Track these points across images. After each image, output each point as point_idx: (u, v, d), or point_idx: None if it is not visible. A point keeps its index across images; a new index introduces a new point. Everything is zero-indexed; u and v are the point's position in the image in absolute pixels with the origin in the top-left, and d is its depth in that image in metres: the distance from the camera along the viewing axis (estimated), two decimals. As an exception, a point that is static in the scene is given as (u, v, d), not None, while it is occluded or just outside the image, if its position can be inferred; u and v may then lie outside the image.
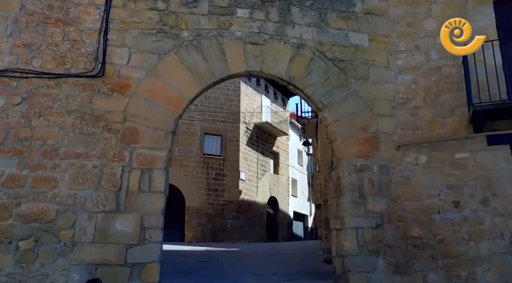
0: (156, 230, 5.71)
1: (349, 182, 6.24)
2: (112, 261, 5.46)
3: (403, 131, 6.44)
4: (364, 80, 6.65)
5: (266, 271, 8.37)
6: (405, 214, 5.99)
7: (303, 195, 27.87)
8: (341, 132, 6.45)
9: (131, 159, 5.86)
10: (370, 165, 6.33)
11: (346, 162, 6.33)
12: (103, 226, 5.57)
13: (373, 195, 6.20)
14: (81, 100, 5.95)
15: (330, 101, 6.51)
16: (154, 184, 5.84)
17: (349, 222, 6.09)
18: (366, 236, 6.03)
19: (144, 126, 6.00)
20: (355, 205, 6.15)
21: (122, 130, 5.94)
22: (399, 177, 6.21)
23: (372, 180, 6.26)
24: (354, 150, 6.39)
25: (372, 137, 6.45)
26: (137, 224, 5.64)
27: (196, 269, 8.39)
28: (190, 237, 17.54)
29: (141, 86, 6.10)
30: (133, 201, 5.72)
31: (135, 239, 5.59)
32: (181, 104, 6.20)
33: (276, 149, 23.52)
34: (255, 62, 6.46)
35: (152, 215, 5.73)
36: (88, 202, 5.62)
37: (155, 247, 5.64)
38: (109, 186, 5.72)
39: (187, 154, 18.48)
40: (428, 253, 5.69)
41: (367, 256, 5.96)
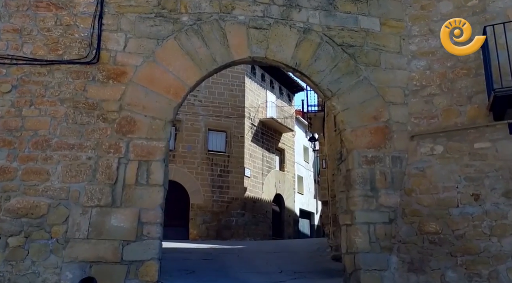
0: (155, 225, 5.38)
1: (360, 174, 5.86)
2: (107, 258, 5.15)
3: (417, 120, 6.04)
4: (375, 67, 6.26)
5: (272, 269, 8.02)
6: (420, 208, 5.60)
7: (309, 192, 27.52)
8: (350, 121, 6.07)
9: (128, 150, 5.54)
10: (382, 156, 5.95)
11: (356, 153, 5.95)
12: (98, 221, 5.26)
13: (386, 188, 5.82)
14: (74, 88, 5.64)
15: (339, 89, 6.13)
16: (152, 176, 5.51)
17: (360, 217, 5.71)
18: (378, 232, 5.65)
19: (142, 115, 5.67)
20: (366, 199, 5.77)
21: (118, 120, 5.61)
22: (413, 169, 5.82)
23: (384, 172, 5.88)
24: (365, 140, 6.00)
25: (384, 126, 6.06)
26: (134, 219, 5.32)
27: (200, 267, 8.07)
28: (194, 234, 17.31)
29: (138, 74, 5.77)
30: (130, 195, 5.40)
31: (132, 235, 5.27)
32: (181, 92, 5.85)
33: (282, 145, 23.19)
34: (259, 48, 6.09)
35: (150, 210, 5.41)
36: (82, 196, 5.31)
37: (154, 244, 5.31)
38: (105, 178, 5.40)
39: (191, 150, 18.24)
40: (445, 249, 5.30)
41: (379, 253, 5.58)
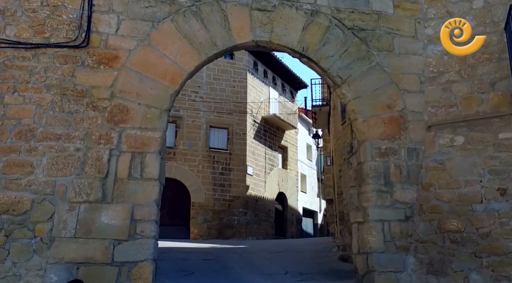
0: (149, 223, 4.92)
1: (373, 168, 5.39)
2: (96, 259, 4.70)
3: (435, 109, 5.57)
4: (388, 52, 5.78)
5: (275, 269, 7.55)
6: (439, 204, 5.12)
7: (313, 191, 27.08)
8: (362, 110, 5.59)
9: (120, 141, 5.09)
10: (397, 148, 5.47)
11: (368, 144, 5.48)
12: (87, 219, 4.82)
13: (401, 182, 5.35)
14: (62, 74, 5.20)
15: (349, 75, 5.66)
16: (147, 169, 5.06)
17: (373, 214, 5.24)
18: (393, 230, 5.19)
19: (135, 103, 5.21)
20: (380, 194, 5.30)
21: (110, 108, 5.16)
22: (432, 162, 5.34)
23: (399, 165, 5.41)
24: (378, 130, 5.53)
25: (399, 116, 5.59)
26: (127, 216, 4.87)
27: (199, 267, 7.60)
28: (195, 233, 16.94)
29: (132, 58, 5.32)
30: (122, 190, 4.96)
31: (124, 234, 4.82)
32: (178, 78, 5.39)
33: (285, 143, 22.77)
34: (263, 31, 5.62)
35: (145, 206, 4.95)
36: (69, 191, 4.87)
37: (148, 243, 4.85)
38: (94, 172, 4.96)
39: (192, 147, 17.89)
40: (469, 249, 4.82)
41: (395, 253, 5.12)
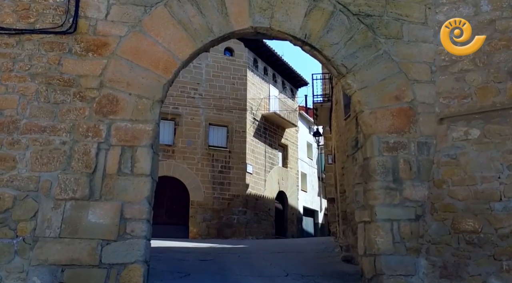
0: (140, 222, 4.57)
1: (380, 163, 5.03)
2: (83, 261, 4.35)
3: (447, 100, 5.20)
4: (396, 40, 5.41)
5: (276, 271, 7.19)
6: (453, 202, 4.76)
7: (313, 190, 26.77)
8: (369, 102, 5.23)
9: (109, 134, 4.74)
10: (406, 142, 5.11)
11: (376, 138, 5.12)
12: (73, 217, 4.47)
13: (411, 179, 5.00)
14: (47, 61, 4.85)
15: (355, 64, 5.30)
16: (138, 164, 4.70)
17: (381, 213, 4.88)
18: (403, 230, 4.83)
19: (126, 93, 4.86)
20: (388, 192, 4.94)
21: (98, 98, 4.81)
22: (444, 156, 4.98)
23: (409, 160, 5.05)
24: (386, 123, 5.17)
25: (408, 108, 5.22)
26: (116, 215, 4.53)
27: (196, 268, 7.25)
28: (194, 233, 16.65)
29: (123, 45, 4.97)
30: (111, 186, 4.61)
31: (113, 234, 4.47)
32: (172, 67, 5.03)
33: (285, 141, 22.46)
34: (262, 17, 5.25)
35: (135, 204, 4.60)
36: (54, 187, 4.52)
37: (139, 243, 4.50)
38: (81, 166, 4.61)
39: (191, 145, 17.63)
40: (487, 251, 4.45)
41: (405, 255, 4.76)
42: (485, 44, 5.13)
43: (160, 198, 17.43)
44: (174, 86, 18.16)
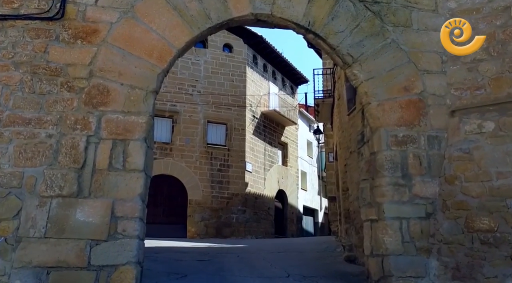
0: (132, 220, 4.26)
1: (389, 158, 4.73)
2: (70, 262, 4.05)
3: (459, 92, 4.90)
4: (405, 28, 5.11)
5: (277, 272, 6.89)
6: (467, 199, 4.46)
7: (313, 189, 26.49)
8: (376, 93, 4.93)
9: (99, 127, 4.43)
10: (416, 136, 4.82)
11: (383, 131, 4.82)
12: (59, 216, 4.16)
13: (421, 174, 4.70)
14: (33, 49, 4.54)
15: (361, 53, 4.99)
16: (130, 159, 4.40)
17: (389, 211, 4.59)
18: (412, 229, 4.54)
19: (117, 83, 4.55)
20: (396, 188, 4.64)
21: (88, 89, 4.51)
22: (456, 151, 4.68)
23: (418, 154, 4.76)
24: (394, 116, 4.87)
25: (417, 100, 4.92)
26: (106, 213, 4.23)
27: (194, 269, 6.94)
28: (192, 232, 16.37)
29: (114, 32, 4.66)
30: (101, 182, 4.30)
31: (103, 233, 4.17)
32: (167, 56, 4.72)
33: (285, 139, 22.18)
34: (263, 3, 4.95)
35: (127, 201, 4.30)
36: (39, 183, 4.22)
37: (131, 244, 4.19)
38: (69, 161, 4.30)
39: (189, 143, 17.34)
40: (504, 252, 4.15)
41: (415, 255, 4.47)
42: (500, 32, 4.83)
43: (158, 196, 17.16)
44: (172, 83, 18.01)
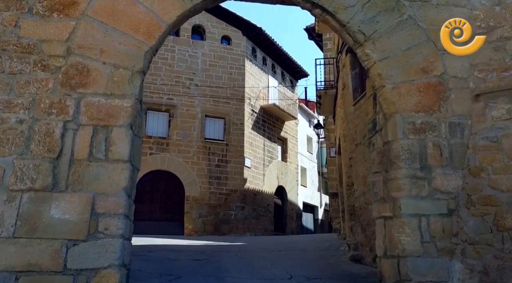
0: (116, 217, 3.74)
1: (405, 147, 4.21)
2: (43, 266, 3.53)
3: (484, 73, 4.38)
4: (423, 2, 4.57)
5: (278, 273, 6.38)
6: (495, 193, 3.94)
7: (313, 185, 26.02)
8: (391, 75, 4.40)
9: (78, 111, 3.90)
10: (436, 123, 4.29)
11: (399, 118, 4.29)
12: (31, 212, 3.64)
13: (442, 166, 4.18)
14: (2, 23, 4.02)
15: (374, 31, 4.46)
16: (114, 148, 3.87)
17: (406, 207, 4.07)
18: (433, 227, 4.02)
19: (99, 62, 4.02)
20: (414, 181, 4.13)
21: (65, 68, 3.97)
22: (482, 139, 4.16)
23: (439, 144, 4.24)
24: (412, 100, 4.34)
25: (437, 82, 4.40)
26: (86, 209, 3.70)
27: (189, 270, 6.43)
28: (190, 229, 15.90)
29: (95, 4, 4.13)
30: (80, 174, 3.78)
31: (81, 232, 3.65)
32: (155, 31, 4.18)
33: (284, 134, 21.68)
34: (265, -26, 4.42)
35: (110, 195, 3.78)
36: (8, 175, 3.69)
37: (114, 244, 3.67)
38: (43, 150, 3.77)
39: (186, 138, 16.85)
40: (540, 253, 3.66)
41: (436, 257, 3.96)
42: (530, 6, 4.31)
43: (154, 193, 16.67)
44: (169, 76, 17.43)
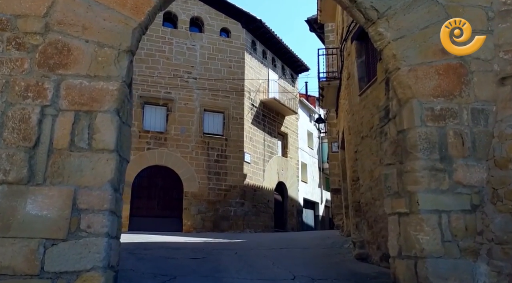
0: (101, 214, 3.33)
1: (423, 136, 3.79)
2: (17, 269, 3.13)
3: (510, 55, 3.95)
4: (441, -23, 4.15)
5: (280, 273, 5.98)
6: (525, 187, 3.54)
7: (314, 181, 25.65)
8: (407, 56, 3.97)
9: (58, 95, 3.48)
10: (457, 109, 3.88)
11: (417, 103, 3.87)
12: (4, 208, 3.25)
13: (464, 156, 3.77)
14: (-29, -5, 3.56)
15: (389, 7, 4.03)
16: (98, 136, 3.46)
17: (425, 202, 3.66)
18: (455, 225, 3.62)
19: (81, 40, 3.59)
20: (434, 174, 3.71)
21: (43, 46, 3.55)
22: (509, 127, 3.74)
23: (460, 132, 3.82)
24: (430, 84, 3.92)
25: (458, 64, 3.97)
26: (66, 204, 3.30)
27: (185, 270, 6.04)
28: (188, 226, 15.55)
29: (77, -24, 3.67)
30: (60, 165, 3.37)
31: (61, 230, 3.25)
32: (144, 6, 3.75)
33: (285, 129, 21.29)
34: None
35: (94, 189, 3.37)
36: (-23, 166, 3.26)
37: (98, 244, 3.27)
38: (17, 139, 3.36)
39: (184, 133, 16.48)
40: None
41: (458, 258, 3.55)
42: (562, -22, 3.88)
43: (152, 189, 16.26)
44: (166, 69, 16.97)
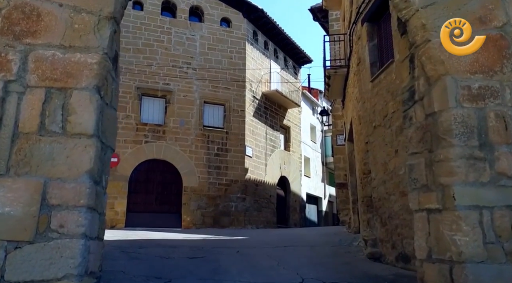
0: (76, 211, 2.77)
1: (459, 119, 3.22)
2: (-29, 277, 2.56)
3: (559, 23, 3.37)
4: None
5: (286, 275, 5.43)
6: None
7: (317, 175, 25.12)
8: (439, 26, 3.38)
9: (25, 68, 2.91)
10: (498, 87, 3.30)
11: (451, 81, 3.29)
12: (-43, 203, 2.66)
13: (508, 143, 3.20)
14: None
15: (417, -32, 3.45)
16: (74, 118, 2.89)
17: (462, 197, 3.09)
18: (498, 224, 3.05)
19: (54, 4, 3.01)
20: (472, 163, 3.14)
21: (7, 10, 2.97)
22: (562, 108, 3.17)
23: (503, 114, 3.25)
24: (466, 59, 3.33)
25: (499, 36, 3.39)
26: (34, 199, 2.73)
27: (181, 271, 5.50)
28: (188, 222, 15.07)
29: None
30: (27, 153, 2.80)
31: (27, 231, 2.69)
32: (130, -36, 3.17)
33: (287, 122, 20.74)
34: None
35: (69, 181, 2.81)
36: None
37: (73, 246, 2.71)
38: (-25, 120, 2.78)
39: (183, 125, 15.97)
40: None
41: (504, 263, 2.99)
42: None
43: (150, 183, 15.72)
44: (165, 59, 16.34)
